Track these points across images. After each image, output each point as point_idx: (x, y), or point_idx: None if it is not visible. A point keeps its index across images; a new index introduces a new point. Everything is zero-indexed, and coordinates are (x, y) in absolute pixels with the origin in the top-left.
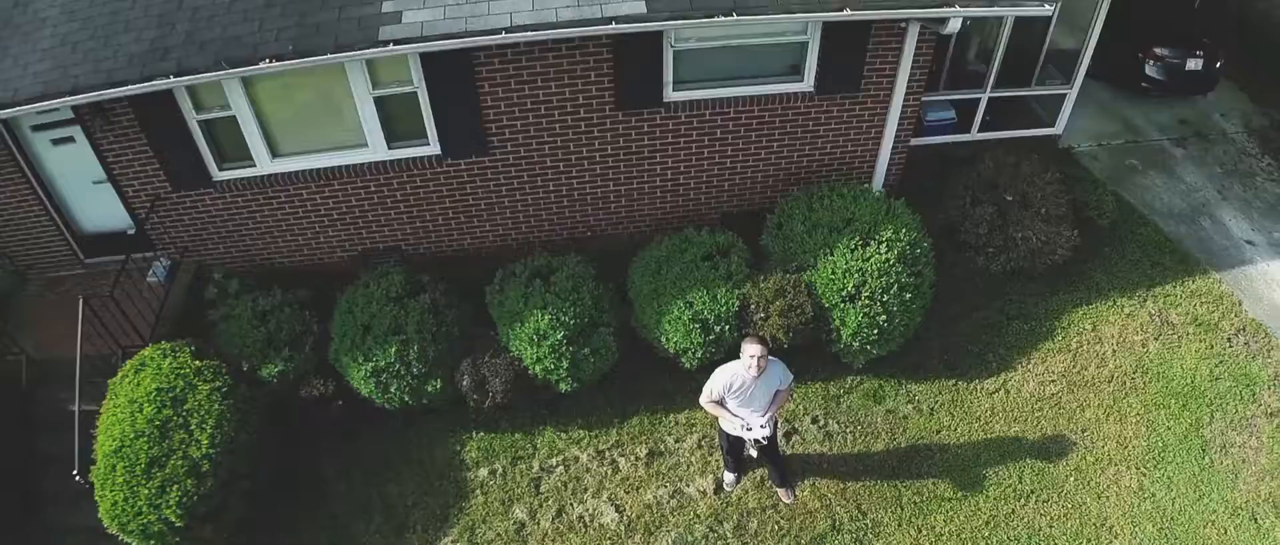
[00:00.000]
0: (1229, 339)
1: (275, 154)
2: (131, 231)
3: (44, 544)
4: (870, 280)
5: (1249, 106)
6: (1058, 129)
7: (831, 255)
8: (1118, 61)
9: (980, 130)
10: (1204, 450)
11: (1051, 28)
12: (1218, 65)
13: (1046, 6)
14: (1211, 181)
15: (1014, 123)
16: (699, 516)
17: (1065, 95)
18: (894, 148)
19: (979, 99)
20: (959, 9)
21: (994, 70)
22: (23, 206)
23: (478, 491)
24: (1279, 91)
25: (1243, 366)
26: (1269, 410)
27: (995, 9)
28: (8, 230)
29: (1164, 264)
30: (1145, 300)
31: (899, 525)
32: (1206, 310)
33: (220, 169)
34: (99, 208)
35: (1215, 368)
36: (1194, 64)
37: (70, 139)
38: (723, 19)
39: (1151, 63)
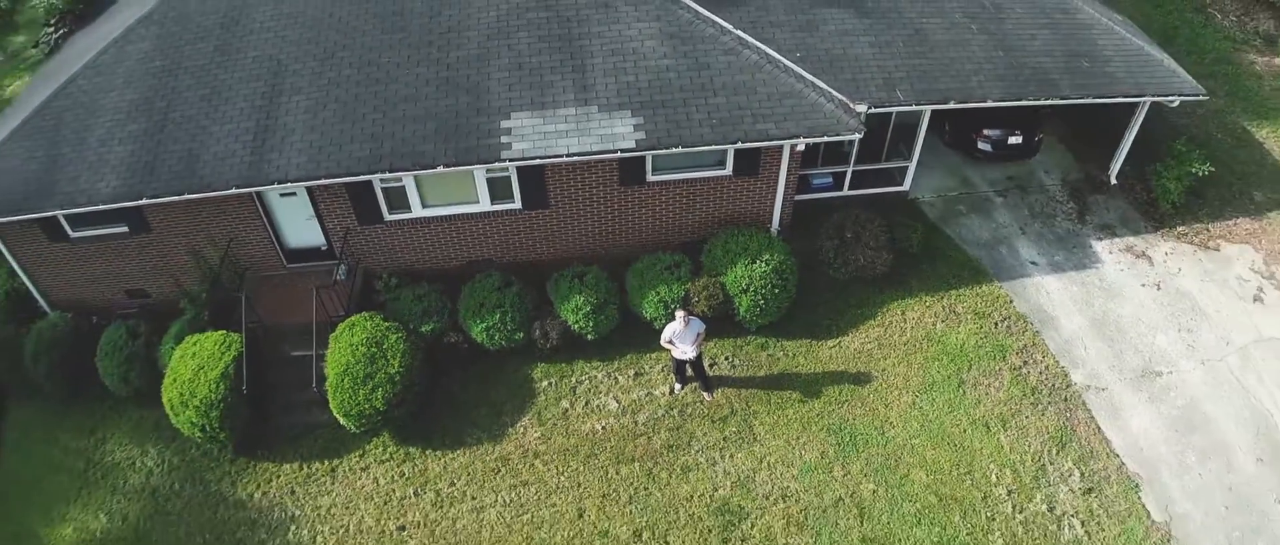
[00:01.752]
0: (996, 323)
1: (424, 205)
2: (324, 247)
3: (272, 439)
4: (755, 282)
5: (1071, 164)
6: (906, 187)
7: (735, 267)
8: (961, 137)
9: (850, 189)
10: (960, 386)
11: (891, 126)
12: (1037, 138)
13: (856, 135)
14: (1017, 221)
15: (876, 183)
16: (660, 405)
17: (907, 167)
18: (782, 206)
19: (845, 170)
20: (801, 139)
21: (854, 152)
22: (255, 232)
23: (541, 393)
24: (1096, 153)
25: (1000, 341)
26: (1012, 366)
27: (824, 137)
28: (241, 245)
29: (962, 276)
30: (942, 298)
31: (768, 413)
32: (984, 305)
33: (389, 213)
34: (303, 232)
35: (981, 340)
36: (1015, 139)
37: (294, 193)
38: (676, 150)
39: (981, 140)
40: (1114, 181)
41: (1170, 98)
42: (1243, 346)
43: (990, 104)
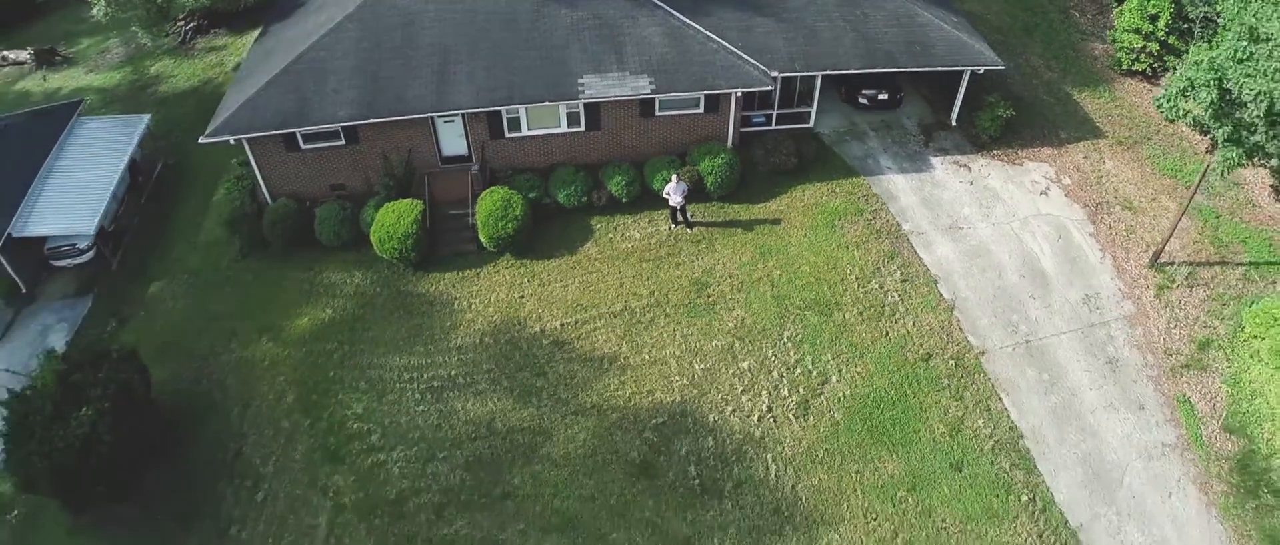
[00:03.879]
0: (858, 198)
1: (529, 128)
2: (465, 155)
3: (438, 261)
4: (716, 169)
5: (926, 112)
6: (811, 124)
7: (705, 161)
8: (851, 95)
9: (776, 124)
10: (833, 227)
11: (797, 84)
12: (899, 95)
13: (771, 85)
14: (882, 145)
15: (792, 121)
16: (663, 235)
17: (810, 111)
18: (733, 131)
19: (772, 112)
20: (740, 88)
21: (776, 100)
22: (425, 146)
23: (596, 230)
24: (944, 105)
25: (860, 206)
26: (866, 219)
27: (753, 88)
28: (416, 153)
29: (841, 173)
30: (827, 183)
31: (723, 239)
32: (852, 188)
33: (508, 132)
34: (454, 145)
35: (847, 205)
36: (883, 96)
37: (453, 120)
38: (671, 94)
39: (860, 96)
40: (954, 123)
41: (977, 67)
42: (1025, 218)
43: (853, 72)
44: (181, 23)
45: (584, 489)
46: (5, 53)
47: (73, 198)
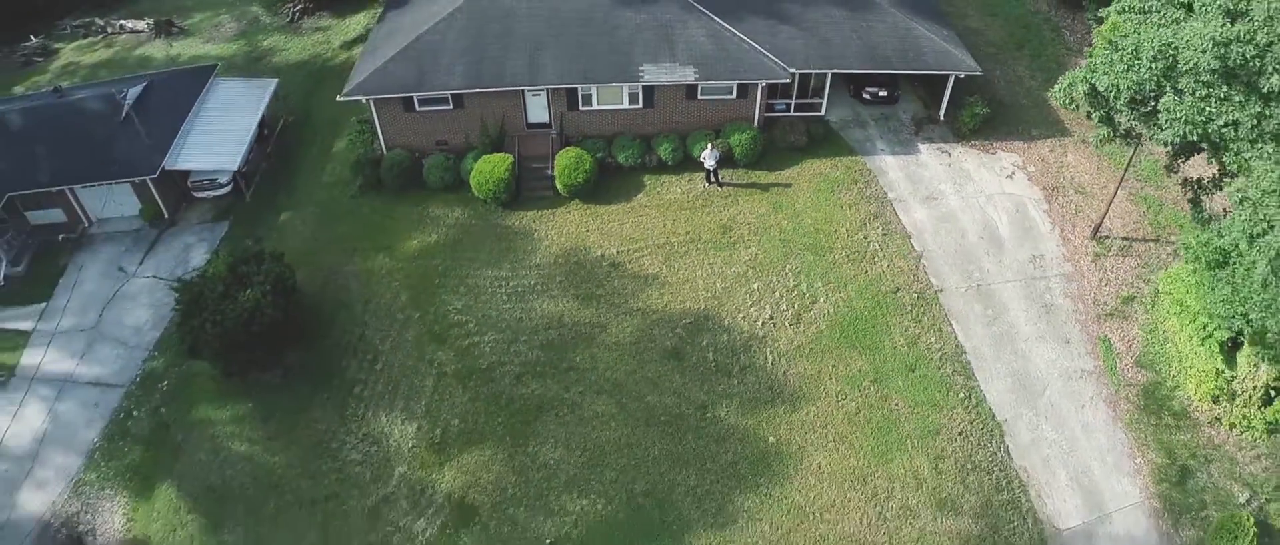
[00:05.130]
0: (855, 172)
1: (598, 103)
2: (546, 123)
3: (523, 202)
4: (743, 142)
5: (919, 108)
6: (822, 113)
7: (734, 135)
8: (856, 91)
9: (794, 112)
10: (832, 192)
11: (811, 80)
12: (896, 93)
13: (787, 78)
14: (880, 133)
15: (807, 109)
16: (698, 191)
17: (821, 102)
18: (759, 114)
19: (791, 101)
20: (764, 80)
21: (794, 92)
22: (516, 112)
23: (647, 184)
24: (935, 103)
25: (855, 177)
26: (859, 187)
27: (776, 79)
28: (507, 122)
29: (843, 152)
30: (830, 159)
31: (745, 196)
32: (851, 163)
33: (582, 106)
34: (538, 114)
35: (845, 176)
36: (883, 93)
37: (539, 94)
38: (715, 82)
39: (864, 92)
40: (941, 118)
41: (959, 72)
42: (991, 194)
43: (857, 71)
44: (291, 4)
45: (628, 366)
46: (123, 22)
47: (216, 141)
